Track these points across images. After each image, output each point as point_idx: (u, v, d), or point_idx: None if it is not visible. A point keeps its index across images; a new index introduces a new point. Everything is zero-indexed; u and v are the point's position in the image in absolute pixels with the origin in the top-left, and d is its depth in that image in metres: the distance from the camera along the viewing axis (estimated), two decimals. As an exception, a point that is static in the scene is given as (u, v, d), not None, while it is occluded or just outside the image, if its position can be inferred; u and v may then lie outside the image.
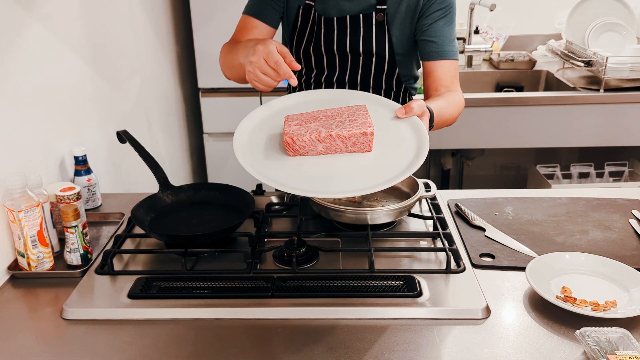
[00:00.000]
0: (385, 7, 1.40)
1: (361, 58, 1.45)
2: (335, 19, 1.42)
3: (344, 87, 1.49)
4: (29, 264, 1.15)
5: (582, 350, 0.91)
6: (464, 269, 1.13)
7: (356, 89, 1.49)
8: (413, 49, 1.47)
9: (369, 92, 1.48)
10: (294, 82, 1.16)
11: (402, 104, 1.53)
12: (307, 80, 1.52)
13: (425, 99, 1.44)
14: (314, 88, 1.52)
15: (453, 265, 1.14)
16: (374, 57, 1.44)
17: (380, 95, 1.49)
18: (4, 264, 1.17)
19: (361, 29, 1.42)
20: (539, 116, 2.43)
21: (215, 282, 1.11)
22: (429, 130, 1.28)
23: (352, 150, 1.12)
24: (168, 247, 1.23)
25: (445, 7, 1.40)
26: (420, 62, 1.49)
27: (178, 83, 2.61)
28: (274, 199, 1.47)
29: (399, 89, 1.51)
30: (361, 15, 1.41)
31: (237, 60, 1.30)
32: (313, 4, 1.43)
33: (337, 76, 1.48)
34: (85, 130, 1.61)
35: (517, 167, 3.20)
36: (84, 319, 1.03)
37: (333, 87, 1.50)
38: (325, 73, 1.49)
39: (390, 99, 1.51)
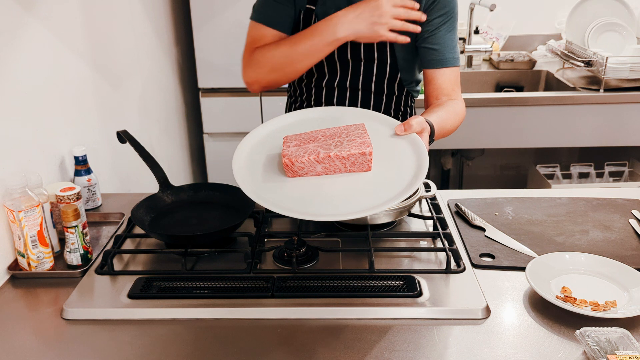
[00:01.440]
0: None
1: (362, 64, 1.43)
2: None
3: (346, 91, 1.48)
4: (29, 264, 1.15)
5: (582, 350, 0.91)
6: (464, 269, 1.13)
7: (357, 93, 1.48)
8: (415, 54, 1.46)
9: (370, 96, 1.48)
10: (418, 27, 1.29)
11: (404, 107, 1.53)
12: (308, 85, 1.51)
13: (426, 106, 1.43)
14: (315, 92, 1.51)
15: (453, 265, 1.14)
16: (376, 62, 1.43)
17: (383, 99, 1.49)
18: (4, 264, 1.17)
19: None
20: (539, 116, 2.43)
21: (215, 282, 1.11)
22: (430, 143, 1.28)
23: (352, 170, 1.11)
24: (168, 247, 1.23)
25: (446, 12, 1.37)
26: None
27: (178, 83, 2.61)
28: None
29: (401, 93, 1.51)
30: None
31: (320, 40, 1.30)
32: (314, 8, 1.42)
33: (338, 80, 1.47)
34: (85, 130, 1.61)
35: (517, 167, 3.20)
36: (84, 319, 1.03)
37: (334, 92, 1.48)
38: (327, 77, 1.47)
39: (392, 103, 1.51)
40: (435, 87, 1.43)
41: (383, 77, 1.45)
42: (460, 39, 2.75)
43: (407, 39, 1.29)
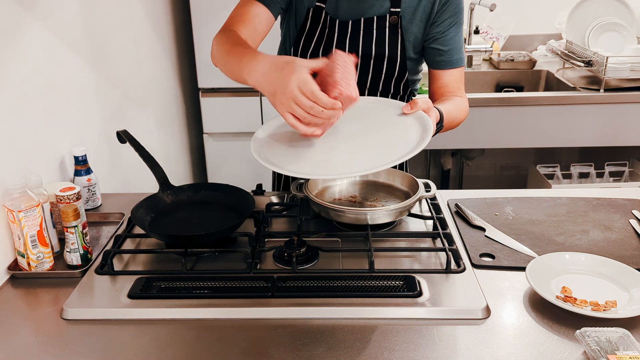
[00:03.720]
0: (399, 10, 1.39)
1: (372, 62, 1.43)
2: (350, 22, 1.40)
3: None
4: (29, 264, 1.15)
5: (582, 350, 0.91)
6: (464, 269, 1.13)
7: (364, 93, 1.48)
8: (421, 55, 1.47)
9: (376, 95, 1.49)
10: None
11: None
12: None
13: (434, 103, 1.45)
14: None
15: (453, 265, 1.14)
16: (386, 60, 1.43)
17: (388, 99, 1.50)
18: (4, 264, 1.17)
19: (374, 31, 1.40)
20: (539, 116, 2.43)
21: (215, 282, 1.11)
22: (440, 130, 1.30)
23: (345, 108, 1.09)
24: (168, 247, 1.23)
25: (456, 13, 1.40)
26: (427, 66, 1.49)
27: (178, 83, 2.61)
28: (274, 199, 1.47)
29: (405, 93, 1.52)
30: (375, 18, 1.40)
31: (239, 71, 1.17)
32: (324, 6, 1.42)
33: None
34: (85, 130, 1.61)
35: (517, 167, 3.20)
36: (84, 319, 1.03)
37: None
38: None
39: None
40: (440, 85, 1.46)
41: (391, 76, 1.46)
42: (460, 39, 2.75)
43: (315, 133, 1.10)
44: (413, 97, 1.58)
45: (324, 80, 1.09)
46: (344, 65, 1.09)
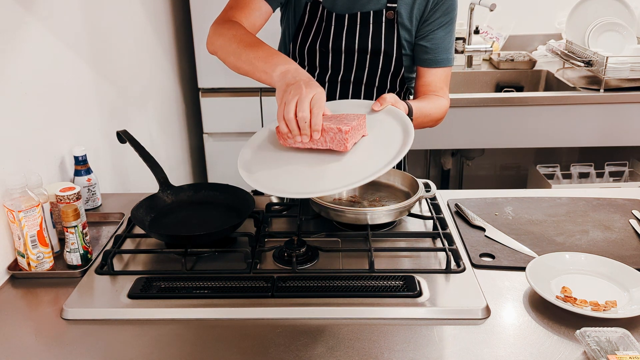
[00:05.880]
0: (395, 5, 1.40)
1: (368, 56, 1.44)
2: (346, 16, 1.41)
3: (349, 87, 1.49)
4: (28, 264, 1.15)
5: (582, 350, 0.91)
6: (464, 269, 1.13)
7: (360, 88, 1.48)
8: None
9: (373, 91, 1.49)
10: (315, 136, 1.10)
11: None
12: None
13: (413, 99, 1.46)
14: None
15: (453, 265, 1.14)
16: (382, 55, 1.44)
17: None
18: (4, 264, 1.17)
19: (371, 26, 1.41)
20: (539, 116, 2.43)
21: (215, 282, 1.11)
22: None
23: (330, 147, 1.11)
24: (168, 247, 1.23)
25: (447, 13, 1.40)
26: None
27: (178, 83, 2.61)
28: (274, 199, 1.47)
29: (401, 89, 1.52)
30: (372, 12, 1.41)
31: (257, 60, 1.18)
32: (321, 1, 1.42)
33: (341, 75, 1.48)
34: (86, 130, 1.61)
35: (517, 167, 3.20)
36: (84, 319, 1.03)
37: (337, 87, 1.49)
38: (330, 72, 1.48)
39: None
40: (423, 83, 1.47)
41: (387, 72, 1.46)
42: (460, 39, 2.75)
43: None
44: (411, 96, 1.58)
45: (336, 116, 1.14)
46: (358, 126, 1.13)
